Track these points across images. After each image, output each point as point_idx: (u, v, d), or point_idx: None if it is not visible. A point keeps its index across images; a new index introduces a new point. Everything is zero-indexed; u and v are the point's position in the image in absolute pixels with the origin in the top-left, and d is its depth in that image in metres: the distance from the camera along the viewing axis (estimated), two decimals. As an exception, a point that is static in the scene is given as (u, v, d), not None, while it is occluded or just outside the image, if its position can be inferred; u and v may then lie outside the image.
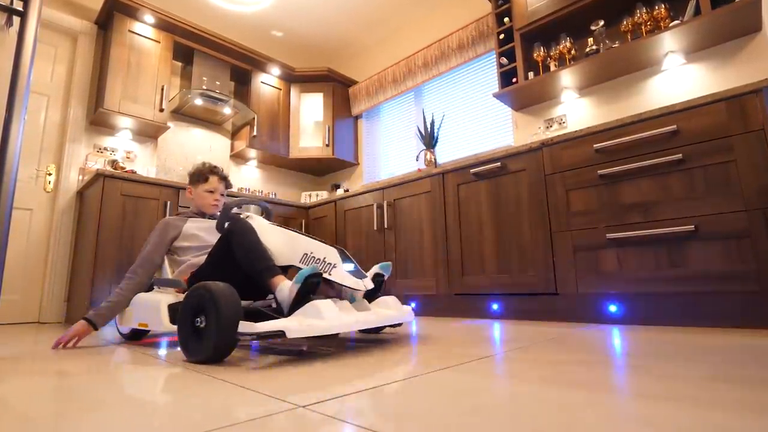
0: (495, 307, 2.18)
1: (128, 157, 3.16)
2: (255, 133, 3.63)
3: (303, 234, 1.37)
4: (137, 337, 1.63)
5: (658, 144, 1.72)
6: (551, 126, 2.77)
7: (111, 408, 0.68)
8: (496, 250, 2.20)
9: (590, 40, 2.44)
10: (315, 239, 1.35)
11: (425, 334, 1.59)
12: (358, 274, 1.30)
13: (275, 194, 4.00)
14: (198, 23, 3.67)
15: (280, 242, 1.34)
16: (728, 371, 0.84)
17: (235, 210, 1.64)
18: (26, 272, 2.68)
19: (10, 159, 1.21)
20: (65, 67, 3.01)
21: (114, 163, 2.98)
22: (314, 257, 1.29)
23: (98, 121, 3.00)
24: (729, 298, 1.52)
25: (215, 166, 1.85)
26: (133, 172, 2.87)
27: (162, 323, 1.37)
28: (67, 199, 2.85)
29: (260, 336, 0.99)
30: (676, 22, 2.09)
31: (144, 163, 3.25)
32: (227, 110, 3.49)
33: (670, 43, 2.16)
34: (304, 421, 0.59)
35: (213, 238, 1.68)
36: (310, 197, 3.95)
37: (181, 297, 1.42)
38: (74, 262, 2.78)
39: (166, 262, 1.64)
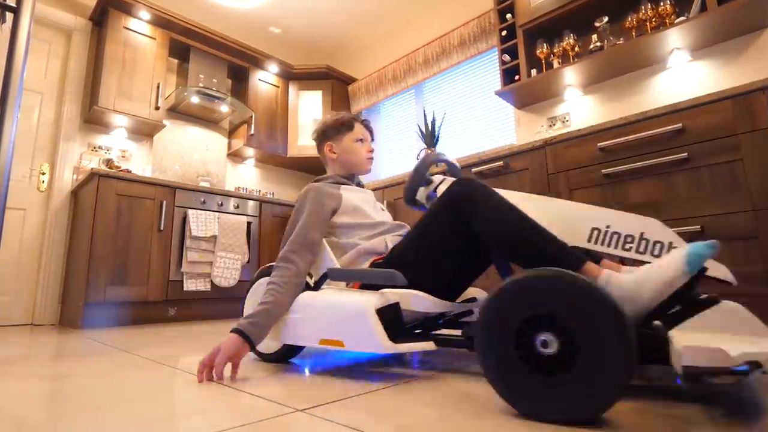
0: (497, 308, 2.17)
1: (123, 156, 3.16)
2: (252, 132, 3.63)
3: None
4: (285, 356, 1.17)
5: (664, 143, 1.72)
6: (554, 124, 2.77)
7: (107, 411, 0.68)
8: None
9: (594, 36, 2.44)
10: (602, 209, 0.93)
11: (426, 337, 1.58)
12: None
13: (273, 193, 4.00)
14: (194, 19, 3.66)
15: (546, 213, 0.94)
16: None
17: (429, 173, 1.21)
18: (19, 273, 2.68)
19: (3, 158, 1.21)
20: (59, 65, 3.01)
21: (109, 162, 2.98)
22: (618, 234, 0.87)
23: (93, 120, 3.00)
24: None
25: (353, 114, 1.47)
26: (128, 171, 2.87)
27: (378, 342, 0.90)
28: (61, 199, 2.85)
29: (719, 372, 0.56)
30: (682, 18, 2.09)
31: (139, 162, 3.25)
32: (224, 108, 3.49)
33: (675, 39, 2.16)
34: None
35: (377, 214, 1.29)
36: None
37: (391, 297, 0.97)
38: (68, 262, 2.78)
39: (327, 248, 1.18)
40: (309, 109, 4.06)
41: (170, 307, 2.68)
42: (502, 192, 1.02)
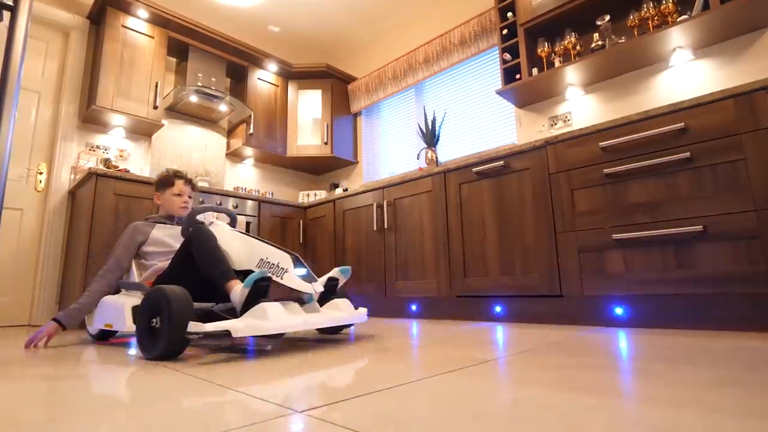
0: (498, 309, 2.18)
1: (121, 156, 3.17)
2: (251, 131, 3.63)
3: (261, 240, 1.51)
4: (105, 337, 1.75)
5: (666, 142, 1.72)
6: (556, 124, 2.77)
7: (105, 412, 0.68)
8: (499, 251, 2.20)
9: (596, 35, 2.44)
10: (272, 245, 1.48)
11: (426, 338, 1.59)
12: (308, 279, 1.46)
13: (272, 193, 4.00)
14: (193, 18, 3.66)
15: (239, 248, 1.47)
16: (737, 375, 0.84)
17: (201, 216, 1.78)
18: (17, 274, 2.68)
19: (0, 157, 1.21)
20: (57, 63, 3.01)
21: (107, 162, 2.98)
22: (269, 262, 1.41)
23: (90, 119, 3.01)
24: (738, 300, 1.52)
25: (179, 171, 2.00)
26: (126, 170, 2.87)
27: (125, 324, 1.50)
28: (59, 199, 2.86)
29: (208, 334, 1.15)
30: (684, 16, 2.09)
31: (137, 161, 3.25)
32: (223, 107, 3.49)
33: (677, 38, 2.16)
34: (317, 426, 0.59)
35: (179, 243, 1.78)
36: (308, 197, 3.95)
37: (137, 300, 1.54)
38: (66, 263, 2.78)
39: (134, 266, 1.77)
40: (308, 109, 4.06)
41: (168, 308, 2.68)
42: (220, 228, 1.53)
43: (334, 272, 1.65)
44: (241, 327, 1.15)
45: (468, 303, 2.30)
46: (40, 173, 2.84)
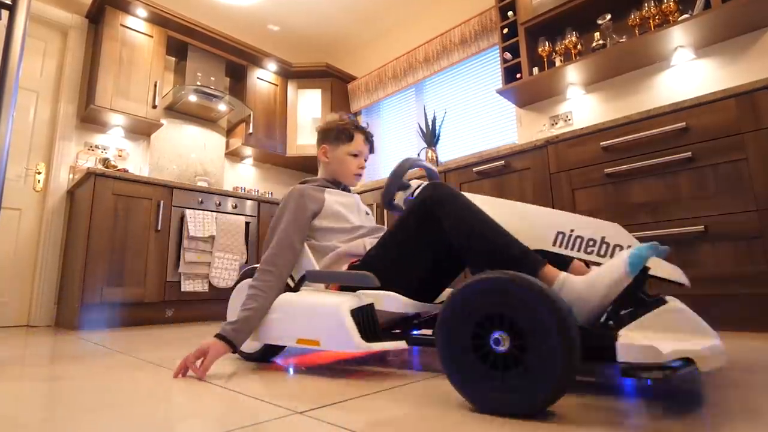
0: (498, 310, 2.17)
1: (120, 155, 3.16)
2: (251, 131, 3.63)
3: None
4: (266, 355, 1.23)
5: (667, 142, 1.72)
6: (556, 123, 2.77)
7: (103, 414, 0.68)
8: (500, 251, 2.19)
9: (597, 34, 2.44)
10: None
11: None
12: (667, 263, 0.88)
13: (272, 193, 4.00)
14: (192, 17, 3.66)
15: (514, 217, 0.98)
16: (740, 376, 0.84)
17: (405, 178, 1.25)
18: (15, 274, 2.68)
19: (-1, 157, 1.21)
20: (55, 63, 3.01)
21: (105, 162, 2.99)
22: (581, 238, 0.89)
23: (89, 118, 3.01)
24: (739, 300, 1.52)
25: (358, 122, 1.44)
26: (125, 170, 2.87)
27: (353, 341, 0.94)
28: (57, 199, 2.86)
29: (652, 367, 0.60)
30: (686, 15, 2.09)
31: (136, 161, 3.25)
32: (222, 107, 3.49)
33: (679, 37, 2.16)
34: None
35: (357, 218, 1.32)
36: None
37: (365, 298, 1.02)
38: (64, 263, 2.78)
39: (307, 250, 1.24)
40: (308, 108, 4.06)
41: (167, 309, 2.68)
42: (471, 196, 1.05)
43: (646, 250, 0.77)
44: (705, 352, 0.63)
45: (468, 303, 2.30)
46: (39, 173, 2.84)
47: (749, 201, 1.52)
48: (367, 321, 0.99)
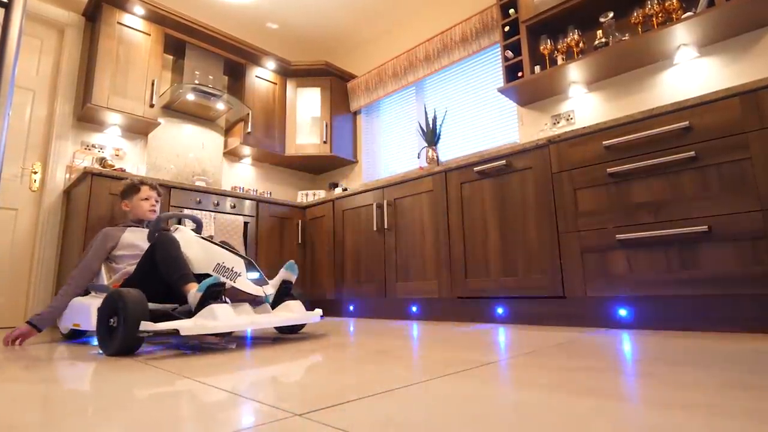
0: (500, 311, 2.18)
1: (117, 155, 3.16)
2: (249, 130, 3.63)
3: (221, 245, 1.68)
4: (75, 336, 1.90)
5: (670, 141, 1.72)
6: (558, 122, 2.77)
7: (100, 416, 0.68)
8: (501, 251, 2.20)
9: (599, 32, 2.44)
10: (230, 250, 1.66)
11: (426, 339, 1.59)
12: (260, 282, 1.63)
13: (270, 193, 4.00)
14: (190, 15, 3.67)
15: (198, 253, 1.63)
16: (743, 378, 0.84)
17: (170, 221, 1.96)
18: (11, 274, 2.68)
19: (-6, 156, 1.21)
20: (51, 61, 3.01)
21: (102, 161, 2.98)
22: (225, 266, 1.58)
23: (86, 117, 3.00)
24: (743, 301, 1.52)
25: (144, 178, 2.19)
26: (122, 170, 2.87)
27: (91, 324, 1.62)
28: (54, 199, 2.86)
29: (158, 333, 1.28)
30: (689, 13, 2.09)
31: (133, 160, 3.25)
32: (220, 105, 3.49)
33: (682, 35, 2.16)
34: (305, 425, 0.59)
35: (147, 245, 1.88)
36: (307, 196, 3.95)
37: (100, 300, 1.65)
38: (61, 263, 2.78)
39: (104, 269, 1.90)
40: (307, 107, 4.06)
41: (165, 310, 2.68)
42: (183, 233, 1.71)
43: (283, 274, 1.75)
44: (189, 326, 1.29)
45: (469, 304, 2.30)
46: (35, 173, 2.84)
47: (753, 201, 1.52)
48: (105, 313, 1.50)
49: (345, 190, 3.82)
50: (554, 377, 0.90)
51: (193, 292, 1.43)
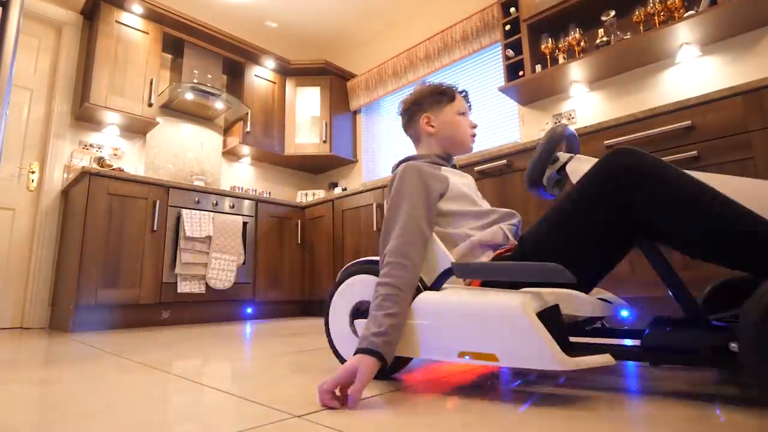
0: (500, 311, 2.17)
1: (115, 154, 3.16)
2: (248, 129, 3.63)
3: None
4: (391, 370, 0.98)
5: (672, 140, 1.72)
6: (560, 121, 2.76)
7: (98, 417, 0.68)
8: (502, 251, 2.19)
9: (601, 31, 2.44)
10: None
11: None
12: None
13: (269, 193, 4.00)
14: (188, 13, 3.66)
15: (739, 194, 0.76)
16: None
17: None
18: (8, 275, 2.68)
19: (-9, 156, 1.21)
20: (49, 60, 3.01)
21: (100, 161, 2.98)
22: None
23: (84, 117, 3.00)
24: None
25: (451, 84, 1.29)
26: (120, 169, 2.87)
27: (550, 354, 0.72)
28: (52, 199, 2.85)
29: None
30: (691, 12, 2.09)
31: (132, 160, 3.25)
32: (219, 105, 3.49)
33: (684, 34, 2.16)
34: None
35: (481, 200, 1.15)
36: (307, 196, 3.95)
37: (548, 298, 0.81)
38: (59, 264, 2.78)
39: (436, 239, 1.00)
40: (306, 106, 4.05)
41: (163, 310, 2.68)
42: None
43: None
44: None
45: (470, 305, 2.30)
46: (32, 172, 2.84)
47: (756, 201, 1.52)
48: (554, 328, 0.77)
49: (345, 189, 3.82)
50: (555, 379, 0.90)
51: None
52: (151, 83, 3.09)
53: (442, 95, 1.22)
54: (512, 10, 2.73)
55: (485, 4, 3.26)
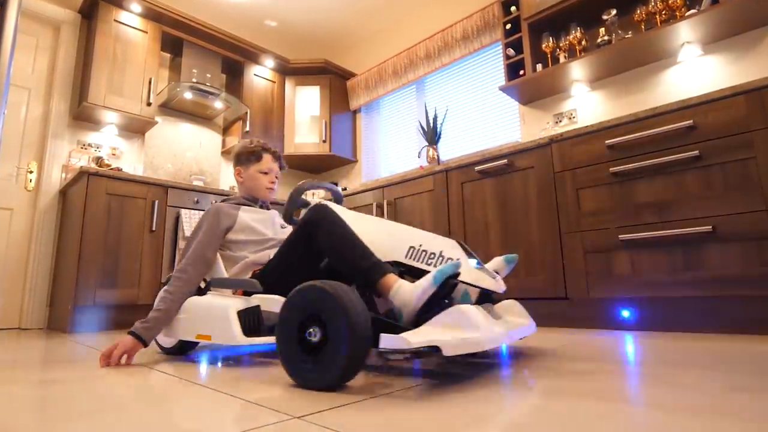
0: (501, 312, 2.17)
1: (114, 154, 3.16)
2: (247, 129, 3.63)
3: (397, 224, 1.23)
4: (183, 350, 1.42)
5: (674, 140, 1.72)
6: (561, 121, 2.77)
7: (96, 418, 0.68)
8: (503, 252, 2.20)
9: (602, 30, 2.44)
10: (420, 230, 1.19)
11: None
12: (488, 273, 1.08)
13: (269, 193, 4.00)
14: (187, 12, 3.66)
15: (377, 233, 1.17)
16: (748, 380, 0.84)
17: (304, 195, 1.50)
18: (6, 275, 2.68)
19: (-11, 156, 1.20)
20: (47, 59, 3.01)
21: (99, 160, 2.98)
22: (425, 251, 1.11)
23: (82, 116, 3.00)
24: (748, 302, 1.52)
25: (266, 144, 1.67)
26: (118, 169, 2.87)
27: (235, 336, 1.15)
28: (50, 198, 2.85)
29: (404, 352, 0.82)
30: (693, 11, 2.09)
31: (130, 160, 3.25)
32: (218, 104, 3.49)
33: (686, 33, 2.16)
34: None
35: (269, 231, 1.52)
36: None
37: (254, 301, 1.26)
38: (57, 264, 2.78)
39: (219, 259, 1.43)
40: (306, 105, 4.05)
41: (162, 311, 2.68)
42: (344, 212, 1.25)
43: (497, 262, 1.22)
44: (452, 342, 0.84)
45: (470, 305, 2.30)
46: (30, 172, 2.84)
47: (758, 200, 1.52)
48: (251, 320, 1.22)
49: (344, 189, 3.82)
50: (556, 380, 0.90)
51: (405, 286, 0.99)
52: (150, 82, 3.09)
53: (251, 155, 1.63)
54: (513, 8, 2.73)
55: (486, 3, 3.26)
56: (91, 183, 2.47)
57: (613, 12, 2.39)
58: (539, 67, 2.61)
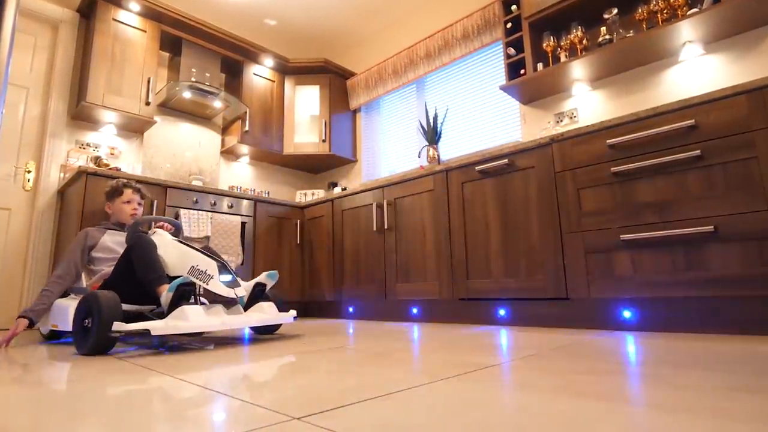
0: (502, 312, 2.18)
1: (112, 154, 3.16)
2: (247, 128, 3.63)
3: (196, 249, 1.72)
4: (55, 337, 1.94)
5: (675, 139, 1.72)
6: (561, 120, 2.77)
7: (93, 419, 0.68)
8: (503, 252, 2.20)
9: (603, 29, 2.44)
10: (205, 253, 1.71)
11: (426, 341, 1.59)
12: (232, 284, 1.67)
13: (268, 193, 4.00)
14: (186, 11, 3.66)
15: (173, 255, 1.69)
16: (749, 381, 0.84)
17: (150, 224, 2.09)
18: (4, 275, 2.68)
19: (-13, 155, 1.20)
20: (45, 58, 3.01)
21: (97, 160, 2.98)
22: (199, 269, 1.63)
23: (80, 116, 3.00)
24: (750, 303, 1.52)
25: (128, 181, 2.23)
26: (117, 169, 2.87)
27: (68, 325, 1.66)
28: (48, 198, 2.86)
29: (129, 333, 1.39)
30: (695, 9, 2.09)
31: (129, 159, 3.25)
32: (217, 104, 3.49)
33: (687, 32, 2.16)
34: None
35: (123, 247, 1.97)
36: (306, 196, 3.95)
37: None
38: (55, 264, 2.78)
39: (83, 271, 1.97)
40: (306, 105, 4.06)
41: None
42: (160, 236, 1.76)
43: (261, 277, 1.82)
44: (160, 326, 1.38)
45: (470, 306, 2.30)
46: (29, 172, 2.84)
47: (760, 200, 1.52)
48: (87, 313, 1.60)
49: (344, 189, 3.82)
50: (557, 380, 0.90)
51: (165, 293, 1.50)
52: (149, 82, 3.09)
53: (114, 191, 2.18)
54: (513, 7, 2.73)
55: (486, 2, 3.26)
56: (90, 183, 2.47)
57: (615, 11, 2.39)
58: (540, 66, 2.61)
